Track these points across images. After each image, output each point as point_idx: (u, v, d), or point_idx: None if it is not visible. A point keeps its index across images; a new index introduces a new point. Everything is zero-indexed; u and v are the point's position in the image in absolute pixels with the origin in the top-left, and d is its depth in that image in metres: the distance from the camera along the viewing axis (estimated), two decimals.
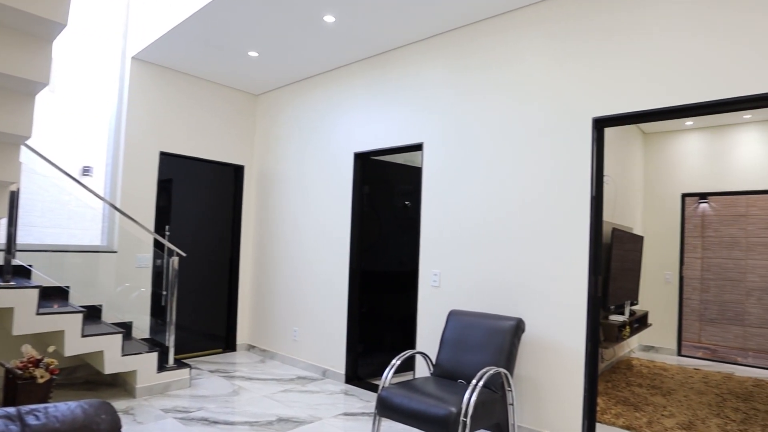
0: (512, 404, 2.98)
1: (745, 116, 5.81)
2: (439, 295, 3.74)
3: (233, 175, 5.55)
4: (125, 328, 4.24)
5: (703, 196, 6.63)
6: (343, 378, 4.43)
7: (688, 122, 6.13)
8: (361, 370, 4.52)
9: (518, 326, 3.04)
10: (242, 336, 5.52)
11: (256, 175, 5.59)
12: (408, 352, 3.13)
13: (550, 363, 3.15)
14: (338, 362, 4.49)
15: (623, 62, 2.98)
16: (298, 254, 4.95)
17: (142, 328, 4.59)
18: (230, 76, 5.09)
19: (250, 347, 5.48)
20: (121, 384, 4.01)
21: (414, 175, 4.82)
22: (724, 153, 6.09)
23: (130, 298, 4.63)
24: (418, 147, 3.98)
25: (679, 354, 6.27)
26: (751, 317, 6.71)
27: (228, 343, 5.48)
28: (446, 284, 3.71)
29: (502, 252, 3.41)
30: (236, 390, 4.10)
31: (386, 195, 4.76)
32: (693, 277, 7.04)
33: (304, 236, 4.91)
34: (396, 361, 3.00)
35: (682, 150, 6.37)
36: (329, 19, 3.70)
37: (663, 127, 6.40)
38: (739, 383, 4.98)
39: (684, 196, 6.34)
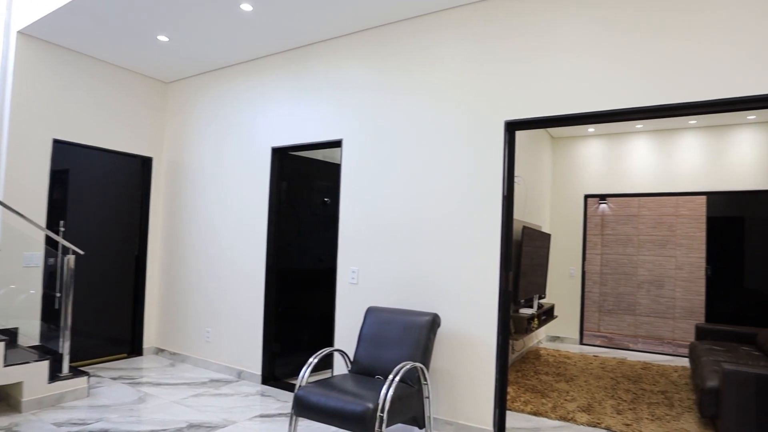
0: (428, 397, 3.03)
1: (637, 126, 6.38)
2: (358, 292, 3.74)
3: (140, 166, 5.18)
4: (9, 336, 3.81)
5: (602, 198, 7.21)
6: (260, 379, 4.29)
7: (591, 129, 6.62)
8: (278, 370, 4.40)
9: (434, 321, 3.10)
10: (150, 339, 5.17)
11: (167, 168, 5.25)
12: (325, 350, 3.09)
13: (464, 356, 3.25)
14: (254, 363, 4.35)
15: (533, 70, 3.14)
16: (212, 251, 4.72)
17: (30, 334, 4.14)
18: (137, 61, 4.74)
19: (159, 351, 5.15)
20: (4, 398, 3.59)
21: (333, 171, 4.78)
22: (620, 158, 6.65)
23: (16, 301, 4.16)
24: (337, 143, 3.95)
25: (581, 342, 6.77)
26: (641, 307, 7.41)
27: (133, 347, 5.11)
28: (364, 281, 3.71)
29: (418, 249, 3.47)
30: (142, 397, 3.83)
31: (305, 191, 4.67)
32: (593, 271, 7.64)
33: (218, 233, 4.69)
34: (313, 360, 2.95)
35: (585, 154, 6.88)
36: (246, 7, 3.55)
37: (569, 133, 6.87)
38: (631, 367, 5.46)
39: (586, 197, 6.85)
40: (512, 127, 3.25)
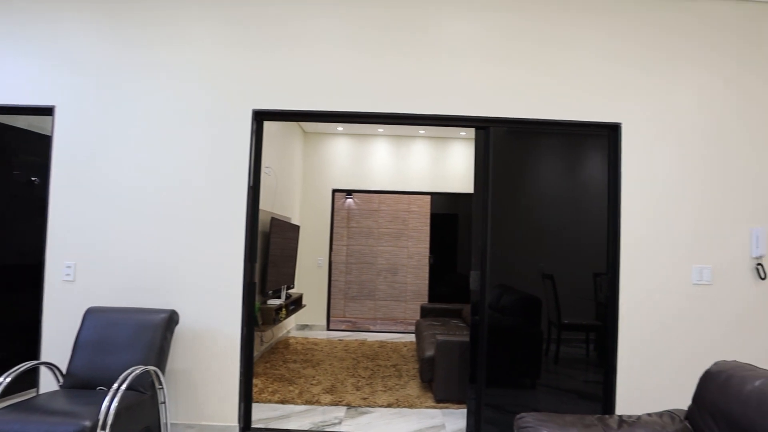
0: (164, 402, 2.75)
1: (379, 129, 7.09)
2: (75, 291, 3.11)
3: None
4: None
5: (349, 193, 7.79)
6: None
7: (340, 128, 7.07)
8: None
9: (171, 318, 2.82)
10: None
11: None
12: (25, 366, 2.49)
13: (206, 352, 3.05)
14: None
15: (287, 62, 3.16)
16: None
17: None
18: None
19: None
20: None
21: (45, 145, 3.90)
22: (365, 158, 7.29)
23: None
24: (47, 110, 3.20)
25: (328, 329, 7.19)
26: (380, 292, 8.28)
27: None
28: (84, 278, 3.11)
29: (154, 240, 3.10)
30: None
31: (1, 167, 3.68)
32: (340, 261, 8.20)
33: None
34: (4, 380, 2.34)
35: (334, 151, 7.31)
36: None
37: (320, 129, 7.19)
38: (370, 347, 6.04)
39: (334, 191, 7.29)
40: (261, 117, 3.20)
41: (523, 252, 3.24)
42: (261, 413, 3.54)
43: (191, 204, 3.11)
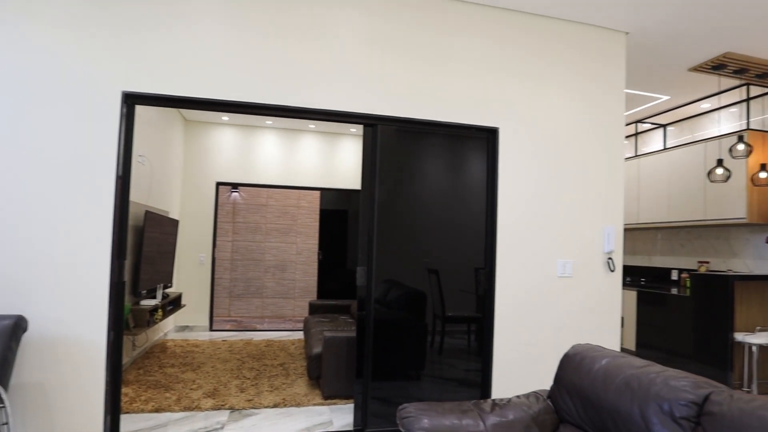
0: (7, 423, 2.38)
1: (267, 122, 6.86)
2: None
3: None
4: None
5: (234, 186, 7.45)
6: None
7: (225, 117, 6.71)
8: None
9: (17, 325, 2.44)
10: None
11: None
12: None
13: (64, 362, 2.71)
14: None
15: (163, 44, 2.89)
16: None
17: None
18: None
19: None
20: None
21: None
22: (252, 150, 7.02)
23: None
24: None
25: (211, 329, 6.81)
26: (267, 290, 8.04)
27: None
28: None
29: None
30: None
31: None
32: (224, 258, 7.81)
33: None
34: None
35: (219, 142, 6.93)
36: None
37: (203, 118, 6.76)
38: (256, 346, 5.83)
39: (218, 184, 6.92)
40: (132, 100, 2.91)
41: (409, 247, 3.34)
42: (132, 425, 3.25)
43: (47, 195, 2.72)
